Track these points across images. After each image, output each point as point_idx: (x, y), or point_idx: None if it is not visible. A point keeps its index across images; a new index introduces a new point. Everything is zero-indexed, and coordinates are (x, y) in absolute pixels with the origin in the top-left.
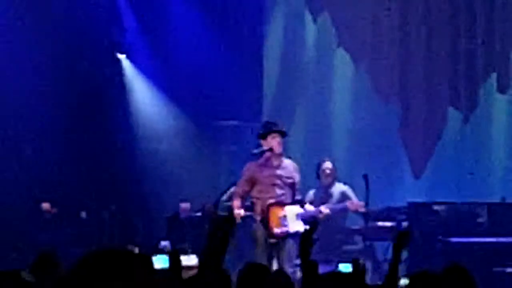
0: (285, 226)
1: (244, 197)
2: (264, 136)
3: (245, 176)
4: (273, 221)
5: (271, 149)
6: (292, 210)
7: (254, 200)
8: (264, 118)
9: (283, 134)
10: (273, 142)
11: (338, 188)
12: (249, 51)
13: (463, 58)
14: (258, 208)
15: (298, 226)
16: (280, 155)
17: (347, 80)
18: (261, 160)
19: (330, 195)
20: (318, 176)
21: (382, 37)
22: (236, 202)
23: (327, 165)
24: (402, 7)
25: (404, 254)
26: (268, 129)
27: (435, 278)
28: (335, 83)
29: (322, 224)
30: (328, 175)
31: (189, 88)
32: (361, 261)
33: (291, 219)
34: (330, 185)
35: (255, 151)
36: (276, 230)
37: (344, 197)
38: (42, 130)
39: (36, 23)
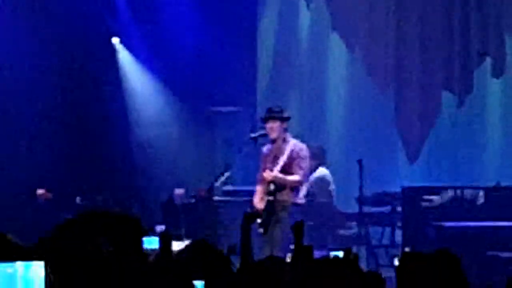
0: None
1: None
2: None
3: (260, 160)
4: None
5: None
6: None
7: None
8: (258, 104)
9: (280, 119)
10: (266, 128)
11: (319, 172)
12: (243, 36)
13: (458, 43)
14: None
15: (259, 205)
16: (275, 140)
17: (341, 65)
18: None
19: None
20: None
21: (377, 22)
22: (257, 187)
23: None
24: None
25: None
26: (264, 115)
27: (425, 258)
28: (330, 68)
29: (316, 209)
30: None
31: (183, 74)
32: (353, 251)
33: (258, 202)
34: (314, 169)
35: (253, 135)
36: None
37: (321, 180)
38: (37, 116)
39: (29, 11)
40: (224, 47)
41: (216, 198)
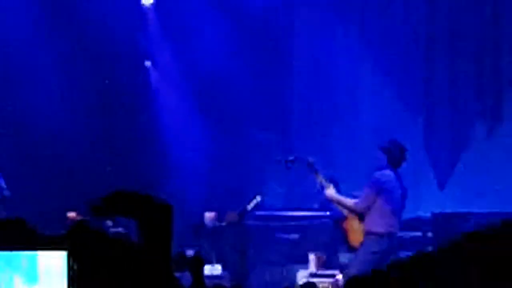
0: None
1: None
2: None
3: None
4: None
5: None
6: None
7: None
8: (294, 131)
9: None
10: None
11: None
12: (278, 63)
13: (489, 70)
14: None
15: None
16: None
17: (372, 92)
18: None
19: None
20: None
21: (409, 48)
22: None
23: None
24: (429, 18)
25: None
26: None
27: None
28: (362, 94)
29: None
30: None
31: (218, 100)
32: None
33: None
34: None
35: (290, 158)
36: None
37: None
38: (70, 140)
39: (64, 33)
40: (260, 74)
41: (247, 222)
